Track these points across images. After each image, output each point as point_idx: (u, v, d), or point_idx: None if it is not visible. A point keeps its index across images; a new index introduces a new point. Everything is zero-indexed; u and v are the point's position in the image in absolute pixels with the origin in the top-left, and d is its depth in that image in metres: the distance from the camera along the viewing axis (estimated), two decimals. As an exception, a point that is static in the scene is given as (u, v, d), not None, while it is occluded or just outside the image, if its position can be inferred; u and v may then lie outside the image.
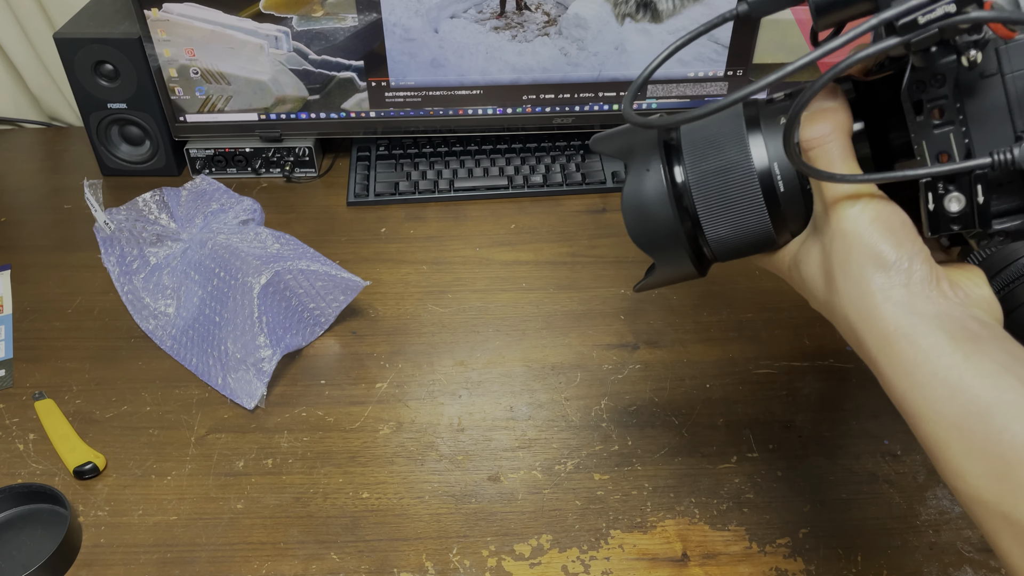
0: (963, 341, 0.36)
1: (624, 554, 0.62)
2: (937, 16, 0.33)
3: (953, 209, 0.38)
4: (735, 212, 0.44)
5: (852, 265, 0.38)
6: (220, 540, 0.64)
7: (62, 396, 0.76)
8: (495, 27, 0.96)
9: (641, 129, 0.46)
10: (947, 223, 0.38)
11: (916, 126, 0.39)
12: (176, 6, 0.93)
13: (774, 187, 0.44)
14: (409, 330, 0.83)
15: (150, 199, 0.88)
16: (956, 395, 0.35)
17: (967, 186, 0.37)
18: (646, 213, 0.44)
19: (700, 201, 0.44)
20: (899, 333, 0.37)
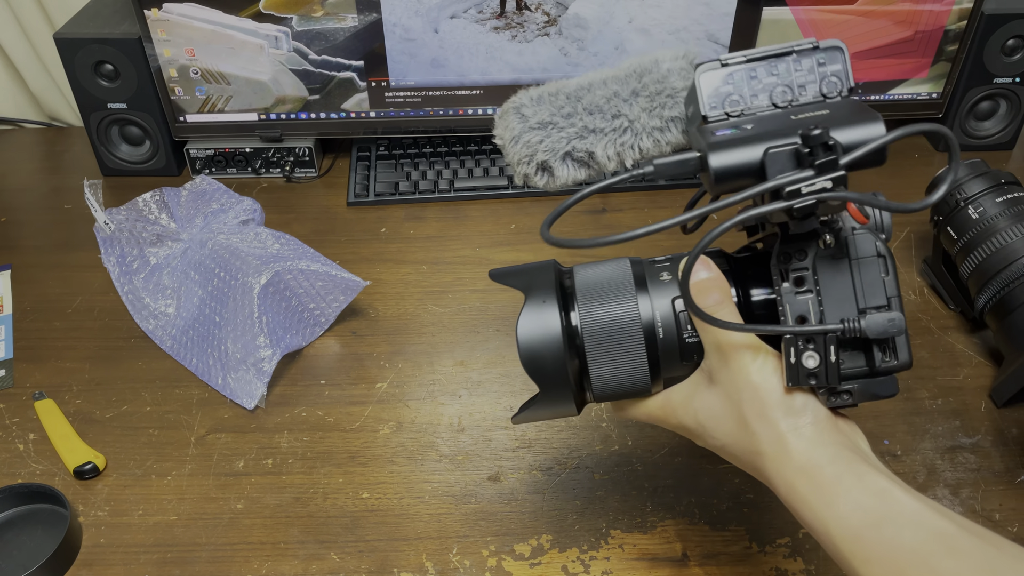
0: (858, 464, 0.42)
1: (624, 554, 0.62)
2: (816, 188, 0.40)
3: (809, 365, 0.44)
4: (619, 355, 0.49)
5: (768, 412, 0.45)
6: (220, 540, 0.64)
7: (62, 396, 0.76)
8: (495, 27, 0.96)
9: (540, 268, 0.52)
10: (804, 377, 0.44)
11: (781, 291, 0.46)
12: (176, 6, 0.93)
13: (655, 334, 0.49)
14: (409, 330, 0.83)
15: (150, 199, 0.88)
16: (856, 510, 0.41)
17: (822, 347, 0.44)
18: (539, 346, 0.49)
19: (589, 342, 0.49)
20: (811, 463, 0.43)
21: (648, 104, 0.49)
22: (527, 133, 0.50)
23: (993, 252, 0.75)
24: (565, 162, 0.51)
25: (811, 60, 0.46)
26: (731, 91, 0.46)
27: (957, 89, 1.02)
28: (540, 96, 0.50)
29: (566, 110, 0.50)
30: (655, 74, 0.49)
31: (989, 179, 0.78)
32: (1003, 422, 0.72)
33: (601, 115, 0.50)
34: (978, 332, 0.81)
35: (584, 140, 0.50)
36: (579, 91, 0.50)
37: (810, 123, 0.41)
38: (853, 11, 0.95)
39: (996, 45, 0.99)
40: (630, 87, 0.49)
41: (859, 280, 0.45)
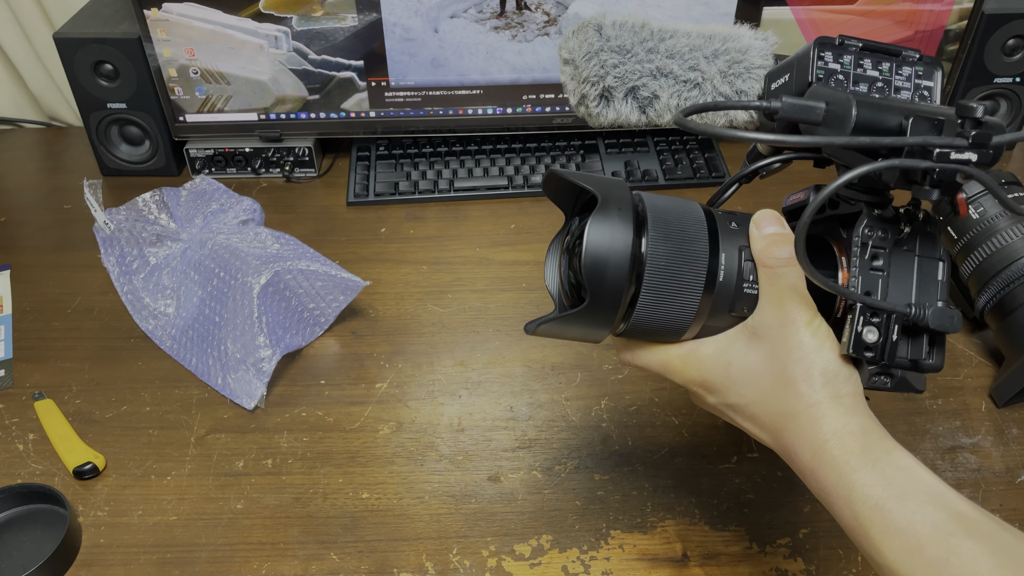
0: (887, 440, 0.44)
1: (624, 554, 0.62)
2: (963, 158, 0.40)
3: (869, 339, 0.46)
4: (675, 290, 0.48)
5: (813, 376, 0.45)
6: (220, 540, 0.64)
7: (62, 396, 0.76)
8: (495, 27, 0.96)
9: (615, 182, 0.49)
10: (862, 348, 0.46)
11: (858, 262, 0.47)
12: (176, 6, 0.93)
13: (716, 278, 0.49)
14: (409, 330, 0.83)
15: (150, 199, 0.88)
16: (881, 479, 0.41)
17: (884, 325, 0.46)
18: (605, 257, 0.46)
19: (651, 269, 0.47)
20: (846, 429, 0.44)
21: (726, 68, 0.49)
22: (604, 53, 0.48)
23: (993, 252, 0.75)
24: (627, 98, 0.49)
25: (911, 69, 0.47)
26: (839, 70, 0.46)
27: (957, 89, 1.02)
28: (624, 23, 0.49)
29: (649, 44, 0.48)
30: (738, 43, 0.49)
31: (989, 179, 0.78)
32: (1003, 422, 0.72)
33: (680, 61, 0.48)
34: (978, 332, 0.81)
35: (655, 80, 0.49)
36: (663, 32, 0.49)
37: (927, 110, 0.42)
38: (853, 11, 0.95)
39: (996, 45, 0.99)
40: (713, 46, 0.49)
41: (920, 276, 0.47)
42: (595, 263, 0.46)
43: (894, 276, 0.47)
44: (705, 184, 1.02)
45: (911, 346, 0.47)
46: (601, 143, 1.07)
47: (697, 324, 0.49)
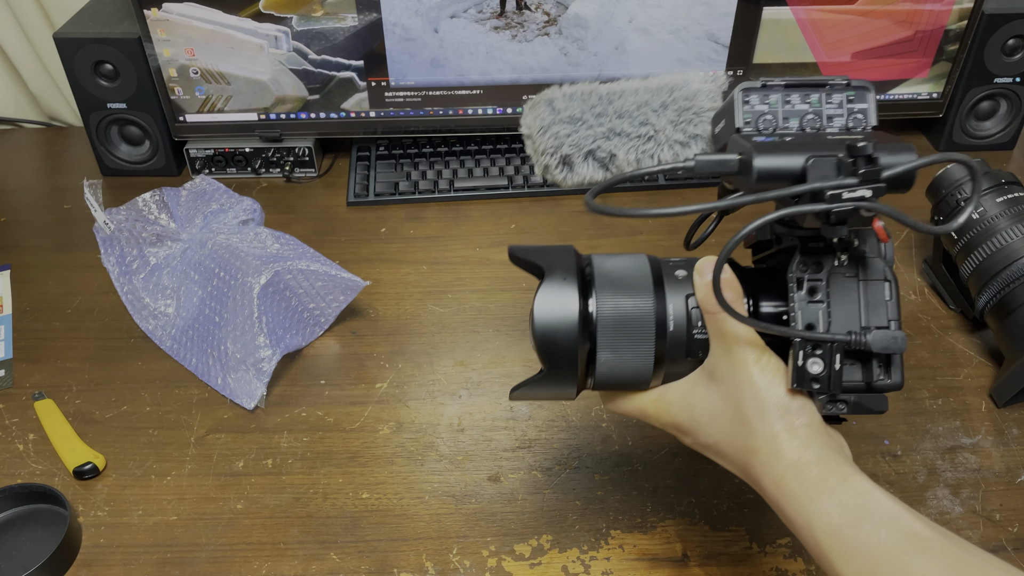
0: (843, 466, 0.45)
1: (624, 554, 0.62)
2: (857, 196, 0.42)
3: (814, 371, 0.46)
4: (629, 344, 0.50)
5: (767, 411, 0.47)
6: (220, 540, 0.64)
7: (62, 396, 0.76)
8: (495, 27, 0.96)
9: (561, 251, 0.53)
10: (808, 381, 0.47)
11: (795, 298, 0.48)
12: (176, 6, 0.93)
13: (666, 328, 0.51)
14: (409, 330, 0.83)
15: (150, 199, 0.88)
16: (838, 507, 0.43)
17: (828, 354, 0.46)
18: (555, 324, 0.50)
19: (602, 328, 0.50)
20: (801, 461, 0.45)
21: (675, 117, 0.51)
22: (556, 125, 0.51)
23: (993, 252, 0.75)
24: (587, 160, 0.52)
25: (842, 96, 0.48)
26: (766, 111, 0.48)
27: (957, 89, 1.02)
28: (573, 93, 0.52)
29: (597, 109, 0.51)
30: (685, 91, 0.51)
31: (990, 179, 0.78)
32: (1003, 422, 0.72)
33: (629, 120, 0.51)
34: (978, 332, 0.81)
35: (609, 141, 0.52)
36: (611, 94, 0.51)
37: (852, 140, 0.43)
38: (853, 11, 0.95)
39: (996, 45, 0.99)
40: (660, 99, 0.51)
41: (865, 300, 0.48)
42: (545, 332, 0.50)
43: (837, 304, 0.48)
44: (704, 184, 1.02)
45: (863, 370, 0.48)
46: (601, 143, 1.07)
47: (659, 372, 0.52)
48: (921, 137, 1.11)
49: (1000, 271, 0.74)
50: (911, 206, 0.96)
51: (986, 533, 0.63)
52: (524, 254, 0.53)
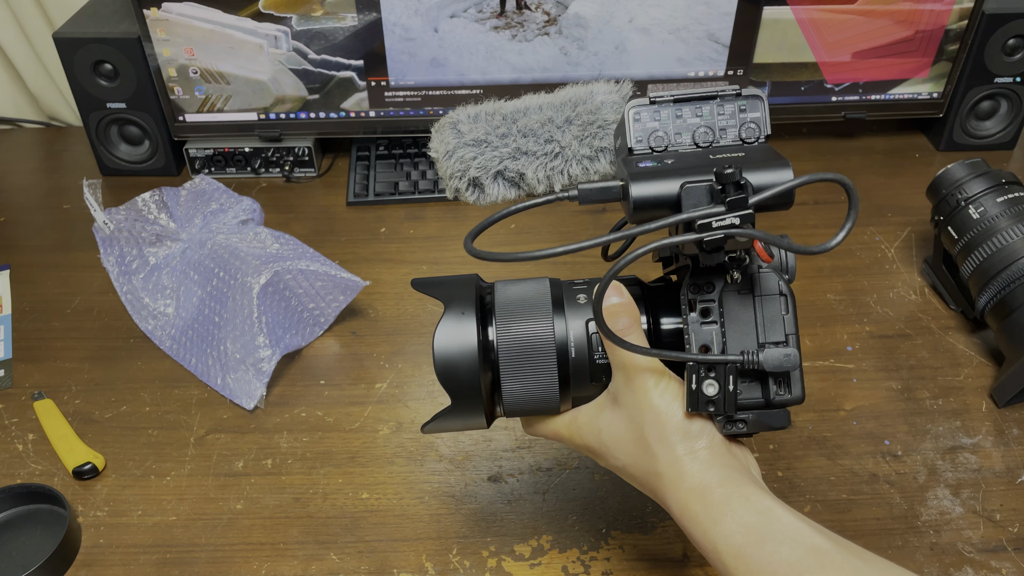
0: (745, 485, 0.45)
1: (624, 555, 0.62)
2: (726, 224, 0.42)
3: (709, 393, 0.46)
4: (531, 372, 0.51)
5: (667, 435, 0.47)
6: (219, 540, 0.64)
7: (61, 396, 0.76)
8: (495, 26, 0.96)
9: (462, 282, 0.53)
10: (704, 404, 0.46)
11: (688, 320, 0.48)
12: (175, 5, 0.93)
13: (567, 354, 0.51)
14: (409, 330, 0.83)
15: (149, 199, 0.88)
16: (740, 528, 0.43)
17: (722, 375, 0.46)
18: (455, 356, 0.50)
19: (503, 357, 0.50)
20: (703, 484, 0.46)
21: (580, 132, 0.51)
22: (461, 149, 0.52)
23: (994, 252, 0.74)
24: (496, 180, 0.53)
25: (733, 106, 0.48)
26: (657, 127, 0.48)
27: (958, 89, 1.02)
28: (477, 114, 0.52)
29: (501, 130, 0.52)
30: (589, 105, 0.51)
31: (990, 179, 0.78)
32: (1004, 422, 0.72)
33: (534, 138, 0.52)
34: (979, 332, 0.80)
35: (516, 161, 0.52)
36: (515, 113, 0.52)
37: (725, 163, 0.44)
38: (854, 10, 0.95)
39: (997, 45, 0.98)
40: (564, 115, 0.52)
41: (761, 316, 0.48)
42: (445, 366, 0.50)
43: (732, 323, 0.48)
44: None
45: (761, 387, 0.48)
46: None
47: (566, 396, 0.52)
48: (922, 137, 1.11)
49: (1000, 271, 0.74)
50: (912, 205, 0.96)
51: (986, 533, 0.63)
52: (425, 288, 0.54)
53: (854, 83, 1.02)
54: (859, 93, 1.03)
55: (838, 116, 1.04)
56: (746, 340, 0.47)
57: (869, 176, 1.04)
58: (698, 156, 0.47)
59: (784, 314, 0.48)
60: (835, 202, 0.99)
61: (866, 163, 1.06)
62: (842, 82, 1.02)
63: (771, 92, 1.02)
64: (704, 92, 0.48)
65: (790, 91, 1.02)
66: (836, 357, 0.78)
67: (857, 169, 1.05)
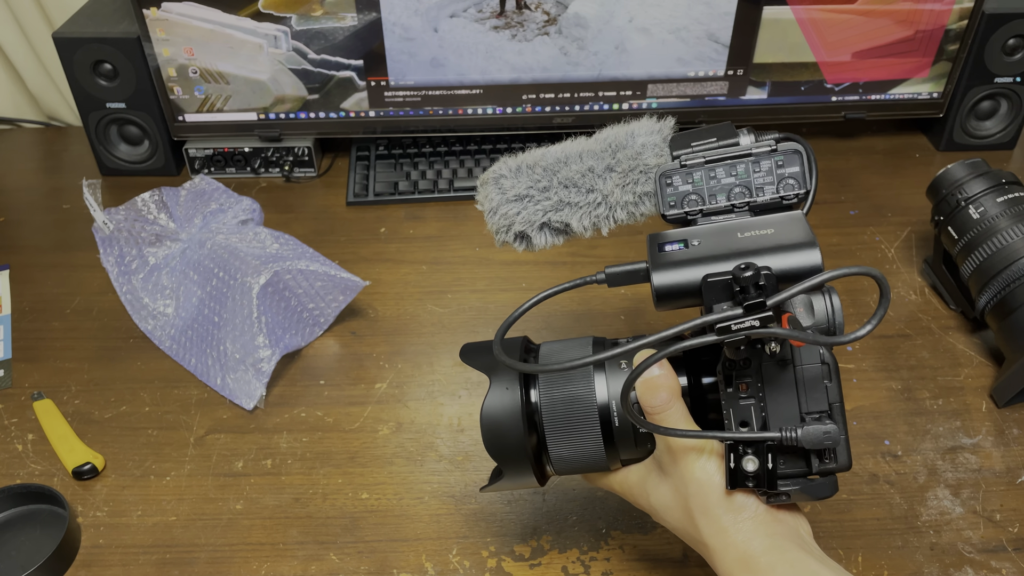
0: (792, 552, 0.45)
1: (624, 555, 0.62)
2: (745, 327, 0.41)
3: (749, 469, 0.45)
4: (575, 437, 0.51)
5: (710, 508, 0.47)
6: (219, 541, 0.64)
7: (61, 396, 0.76)
8: (495, 26, 0.96)
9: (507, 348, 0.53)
10: (743, 480, 0.46)
11: (726, 396, 0.47)
12: (175, 5, 0.93)
13: (611, 421, 0.51)
14: (409, 330, 0.83)
15: (149, 199, 0.88)
16: None
17: (762, 452, 0.45)
18: (501, 427, 0.51)
19: (548, 423, 0.51)
20: (748, 554, 0.46)
21: (621, 180, 0.51)
22: (504, 205, 0.52)
23: (994, 252, 0.74)
24: (542, 231, 0.53)
25: (770, 162, 0.47)
26: (690, 190, 0.48)
27: (958, 89, 1.02)
28: (519, 167, 0.52)
29: (542, 183, 0.52)
30: (629, 150, 0.51)
31: (990, 179, 0.78)
32: (1004, 422, 0.72)
33: (576, 189, 0.51)
34: (979, 332, 0.80)
35: (560, 212, 0.52)
36: (556, 164, 0.52)
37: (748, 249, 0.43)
38: (854, 10, 0.95)
39: (997, 45, 0.98)
40: (605, 163, 0.51)
41: (803, 387, 0.46)
42: (492, 437, 0.51)
43: (772, 395, 0.46)
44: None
45: (805, 459, 0.46)
46: (601, 143, 1.07)
47: (614, 457, 0.52)
48: (922, 137, 1.11)
49: (1000, 271, 0.74)
50: (912, 205, 0.96)
51: (986, 533, 0.63)
52: (471, 358, 0.54)
53: (854, 83, 1.02)
54: (859, 93, 1.03)
55: (838, 116, 1.04)
56: (787, 412, 0.46)
57: (869, 176, 1.04)
58: (725, 236, 0.45)
59: (827, 383, 0.46)
60: (834, 202, 0.99)
61: (866, 163, 1.06)
62: (842, 82, 1.02)
63: (771, 92, 1.02)
64: (737, 152, 0.47)
65: (790, 91, 1.02)
66: (836, 357, 0.78)
67: (857, 169, 1.05)
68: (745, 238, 0.45)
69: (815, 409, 0.46)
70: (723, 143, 0.49)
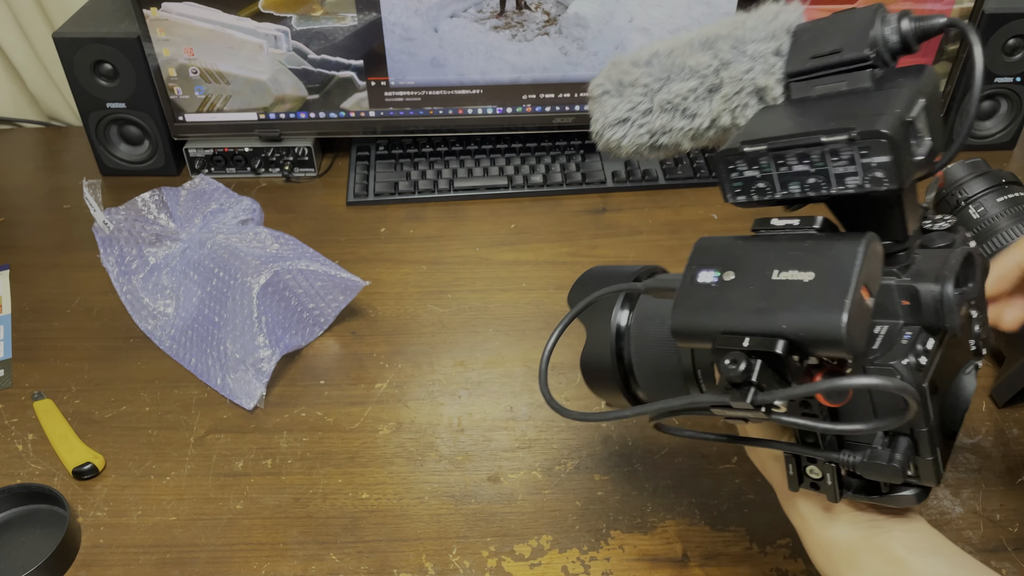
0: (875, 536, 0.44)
1: (624, 555, 0.62)
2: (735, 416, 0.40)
3: (813, 476, 0.44)
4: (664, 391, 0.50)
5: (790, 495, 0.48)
6: (219, 541, 0.64)
7: (61, 396, 0.76)
8: (495, 26, 0.96)
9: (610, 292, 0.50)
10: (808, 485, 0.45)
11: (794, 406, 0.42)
12: (175, 5, 0.93)
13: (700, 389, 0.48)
14: (409, 330, 0.83)
15: (149, 199, 0.88)
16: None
17: (824, 467, 0.43)
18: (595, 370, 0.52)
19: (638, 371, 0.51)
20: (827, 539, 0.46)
21: (725, 104, 0.46)
22: (608, 130, 0.50)
23: (994, 252, 0.74)
24: (649, 151, 0.51)
25: (851, 151, 0.39)
26: (757, 176, 0.42)
27: (958, 89, 1.02)
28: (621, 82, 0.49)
29: (643, 106, 0.49)
30: (736, 68, 0.45)
31: (990, 179, 0.78)
32: (1004, 422, 0.72)
33: (678, 114, 0.48)
34: (979, 332, 0.80)
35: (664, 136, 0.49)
36: (658, 79, 0.48)
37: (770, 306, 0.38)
38: (853, 10, 0.95)
39: (997, 45, 0.98)
40: (708, 82, 0.46)
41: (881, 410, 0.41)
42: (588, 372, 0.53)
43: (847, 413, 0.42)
44: (705, 184, 1.02)
45: None
46: (601, 143, 1.07)
47: None
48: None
49: (1000, 271, 0.74)
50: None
51: (986, 533, 0.63)
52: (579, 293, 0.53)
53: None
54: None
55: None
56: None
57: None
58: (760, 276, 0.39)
59: None
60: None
61: (866, 163, 1.06)
62: (842, 82, 1.01)
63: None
64: (807, 141, 0.39)
65: (790, 91, 1.02)
66: (836, 357, 0.78)
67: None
68: (777, 283, 0.38)
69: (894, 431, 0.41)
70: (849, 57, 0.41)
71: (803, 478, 0.45)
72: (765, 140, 0.41)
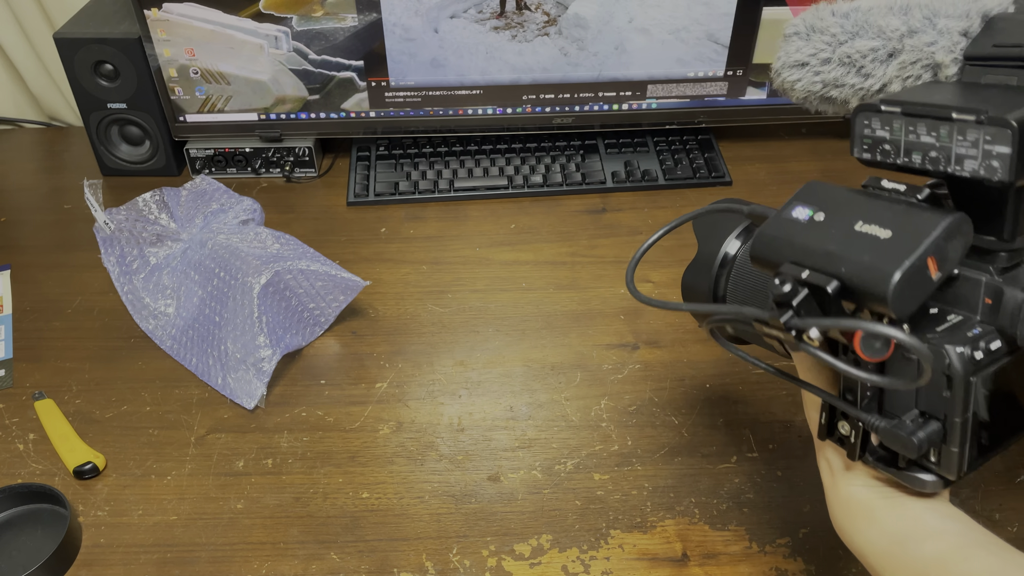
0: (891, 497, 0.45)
1: (624, 554, 0.62)
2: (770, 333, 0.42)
3: (843, 431, 0.46)
4: None
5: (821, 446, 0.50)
6: (220, 540, 0.64)
7: (62, 396, 0.76)
8: (495, 27, 0.96)
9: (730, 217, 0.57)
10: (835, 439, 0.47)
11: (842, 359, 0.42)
12: (176, 6, 0.93)
13: None
14: (409, 330, 0.83)
15: (150, 199, 0.88)
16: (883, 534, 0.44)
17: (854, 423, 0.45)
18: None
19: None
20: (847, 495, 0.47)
21: (900, 72, 0.47)
22: (785, 71, 0.52)
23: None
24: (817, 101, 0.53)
25: (977, 134, 0.40)
26: (886, 139, 0.43)
27: (957, 89, 1.02)
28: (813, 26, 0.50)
29: (824, 54, 0.50)
30: (921, 37, 0.46)
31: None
32: (1003, 422, 0.72)
33: (854, 70, 0.49)
34: (978, 332, 0.80)
35: (835, 89, 0.51)
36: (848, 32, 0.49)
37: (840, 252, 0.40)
38: (853, 11, 0.95)
39: (996, 45, 0.98)
40: (890, 46, 0.47)
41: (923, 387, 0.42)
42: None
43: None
44: (705, 184, 1.02)
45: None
46: (601, 143, 1.07)
47: None
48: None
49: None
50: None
51: (986, 533, 0.63)
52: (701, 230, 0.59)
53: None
54: None
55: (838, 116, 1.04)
56: (902, 400, 0.43)
57: (869, 176, 1.03)
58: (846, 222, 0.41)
59: (945, 394, 0.41)
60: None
61: (866, 163, 1.06)
62: (842, 82, 1.02)
63: (771, 92, 1.02)
64: (939, 113, 0.40)
65: (790, 91, 1.02)
66: (836, 357, 0.78)
67: (857, 169, 1.05)
68: (857, 233, 0.40)
69: (929, 411, 0.42)
70: None
71: (834, 431, 0.46)
72: (902, 103, 0.42)
